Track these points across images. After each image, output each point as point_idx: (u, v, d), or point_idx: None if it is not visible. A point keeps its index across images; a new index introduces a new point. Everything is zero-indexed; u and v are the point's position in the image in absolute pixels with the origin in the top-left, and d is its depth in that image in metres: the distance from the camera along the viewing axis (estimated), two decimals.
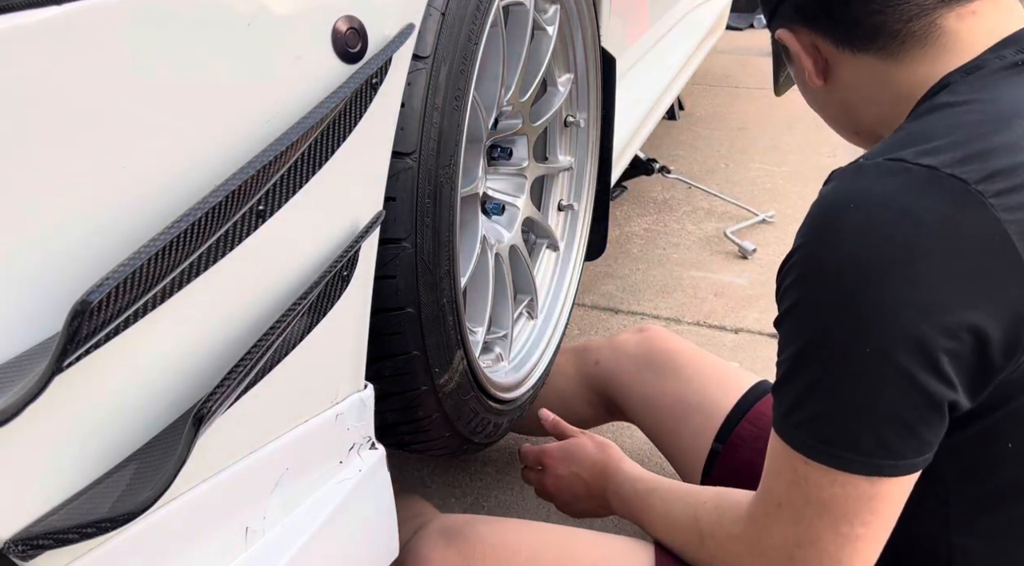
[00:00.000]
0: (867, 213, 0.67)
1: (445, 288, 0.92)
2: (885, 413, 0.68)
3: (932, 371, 0.66)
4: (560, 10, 1.26)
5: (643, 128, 1.98)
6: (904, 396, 0.67)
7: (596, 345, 1.35)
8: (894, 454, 0.69)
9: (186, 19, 0.57)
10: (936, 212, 0.65)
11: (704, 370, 1.23)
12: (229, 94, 0.61)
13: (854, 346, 0.67)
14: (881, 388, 0.67)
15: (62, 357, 0.49)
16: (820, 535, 0.73)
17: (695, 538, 0.87)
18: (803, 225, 0.73)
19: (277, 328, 0.65)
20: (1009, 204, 0.65)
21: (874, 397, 0.67)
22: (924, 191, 0.66)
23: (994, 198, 0.64)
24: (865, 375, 0.67)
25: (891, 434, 0.68)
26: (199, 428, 0.58)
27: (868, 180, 0.69)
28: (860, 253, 0.66)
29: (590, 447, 1.09)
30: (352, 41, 0.69)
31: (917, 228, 0.65)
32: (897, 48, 0.76)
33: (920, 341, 0.65)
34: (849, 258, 0.67)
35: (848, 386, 0.68)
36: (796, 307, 0.72)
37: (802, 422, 0.72)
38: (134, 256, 0.52)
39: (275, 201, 0.64)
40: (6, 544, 0.53)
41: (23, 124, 0.50)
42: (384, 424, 0.95)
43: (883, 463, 0.69)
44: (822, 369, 0.70)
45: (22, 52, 0.49)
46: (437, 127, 0.86)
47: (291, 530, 0.74)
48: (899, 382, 0.66)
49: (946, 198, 0.65)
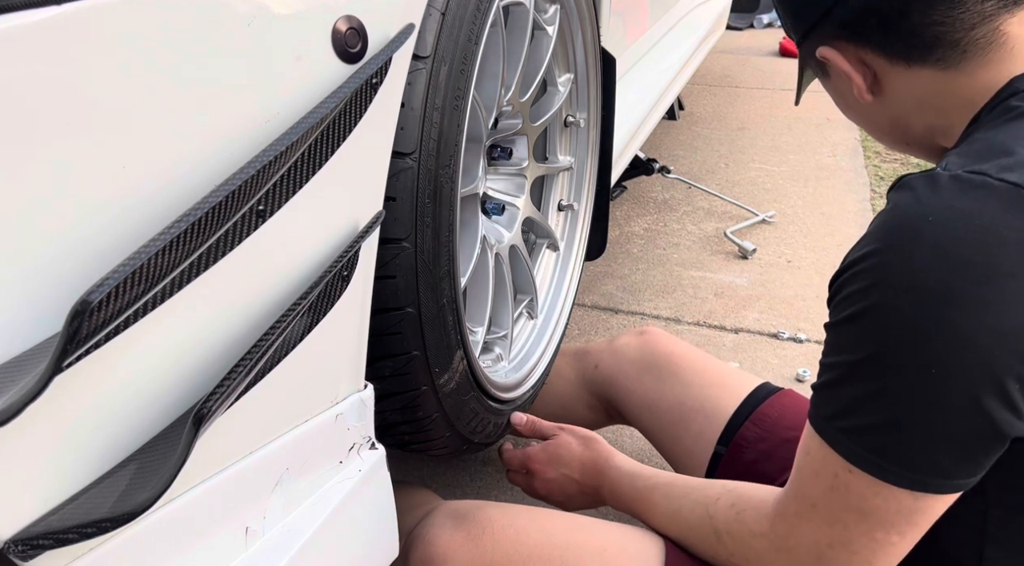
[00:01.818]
0: (948, 229, 0.64)
1: (445, 288, 0.92)
2: (945, 437, 0.66)
3: (1002, 399, 0.64)
4: (560, 10, 1.26)
5: (643, 128, 1.98)
6: (968, 423, 0.65)
7: (596, 348, 1.34)
8: (946, 474, 0.67)
9: (186, 19, 0.57)
10: (1021, 232, 0.63)
11: (705, 373, 1.22)
12: (229, 94, 0.61)
13: (923, 365, 0.65)
14: (945, 412, 0.65)
15: (62, 357, 0.49)
16: (854, 539, 0.72)
17: (710, 536, 0.87)
18: (875, 231, 0.70)
19: (277, 328, 0.65)
20: None
21: (936, 419, 0.66)
22: (1009, 209, 0.63)
23: None
24: (931, 396, 0.65)
25: (947, 457, 0.67)
26: (199, 428, 0.58)
27: (949, 193, 0.65)
28: (939, 271, 0.64)
29: (575, 445, 1.08)
30: (352, 41, 0.69)
31: (1001, 248, 0.63)
32: (959, 58, 0.74)
33: (993, 368, 0.63)
34: (927, 274, 0.64)
35: (910, 404, 0.66)
36: (862, 315, 0.69)
37: (852, 429, 0.70)
38: (134, 256, 0.52)
39: (275, 201, 0.64)
40: (6, 544, 0.53)
41: (23, 124, 0.50)
42: (384, 424, 0.95)
43: (932, 481, 0.68)
44: (884, 382, 0.68)
45: (22, 52, 0.49)
46: (437, 127, 0.86)
47: (291, 530, 0.74)
48: (965, 408, 0.64)
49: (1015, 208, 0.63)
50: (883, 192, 2.75)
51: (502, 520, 0.95)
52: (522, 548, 0.93)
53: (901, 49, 0.76)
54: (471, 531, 0.94)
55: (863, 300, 0.69)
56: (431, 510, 1.00)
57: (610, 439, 1.49)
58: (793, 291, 2.13)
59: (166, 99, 0.56)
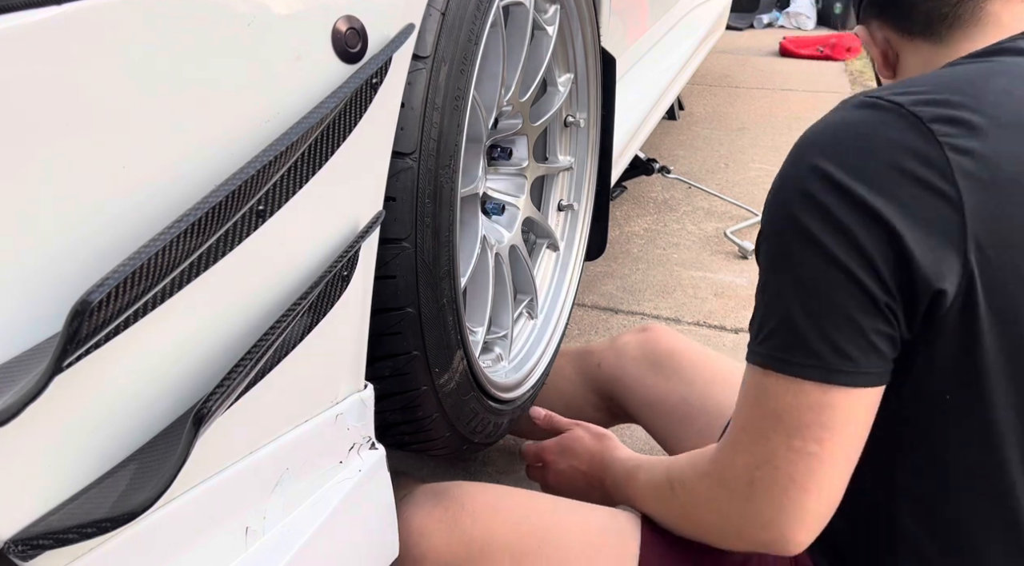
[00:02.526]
0: (829, 136, 0.71)
1: (445, 288, 0.92)
2: (831, 310, 0.69)
3: (867, 269, 0.67)
4: (560, 10, 1.26)
5: (643, 128, 1.98)
6: (846, 291, 0.68)
7: (598, 347, 1.34)
8: (845, 358, 0.69)
9: (186, 19, 0.57)
10: (888, 137, 0.68)
11: (708, 370, 1.22)
12: (229, 94, 0.61)
13: (797, 252, 0.70)
14: (825, 286, 0.69)
15: (62, 357, 0.49)
16: (775, 452, 0.74)
17: (667, 491, 0.88)
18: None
19: (277, 328, 0.65)
20: (957, 145, 0.66)
21: (819, 296, 0.69)
22: (883, 121, 0.69)
23: (944, 137, 0.67)
24: (810, 277, 0.70)
25: (840, 334, 0.69)
26: (199, 428, 0.58)
27: (844, 112, 0.73)
28: (815, 170, 0.69)
29: (587, 439, 1.09)
30: (352, 41, 0.69)
31: (869, 149, 0.68)
32: (945, 31, 0.80)
33: (856, 240, 0.67)
34: (805, 174, 0.70)
35: (796, 292, 0.71)
36: (760, 233, 0.75)
37: (763, 339, 0.74)
38: (134, 256, 0.52)
39: (275, 201, 0.64)
40: (6, 544, 0.53)
41: (23, 124, 0.50)
42: (384, 424, 0.95)
43: (833, 368, 0.70)
44: (777, 283, 0.73)
45: (22, 52, 0.49)
46: (437, 127, 0.86)
47: (291, 530, 0.74)
48: (839, 278, 0.68)
49: (901, 126, 0.68)
50: None
51: (481, 498, 0.96)
52: (501, 525, 0.93)
53: (906, 23, 0.83)
54: (449, 508, 0.95)
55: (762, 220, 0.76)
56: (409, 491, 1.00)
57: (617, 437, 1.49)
58: None
59: (166, 99, 0.56)
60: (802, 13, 6.06)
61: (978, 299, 0.67)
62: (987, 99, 0.68)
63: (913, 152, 0.66)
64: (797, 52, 5.01)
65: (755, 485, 0.76)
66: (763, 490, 0.75)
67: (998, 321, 0.68)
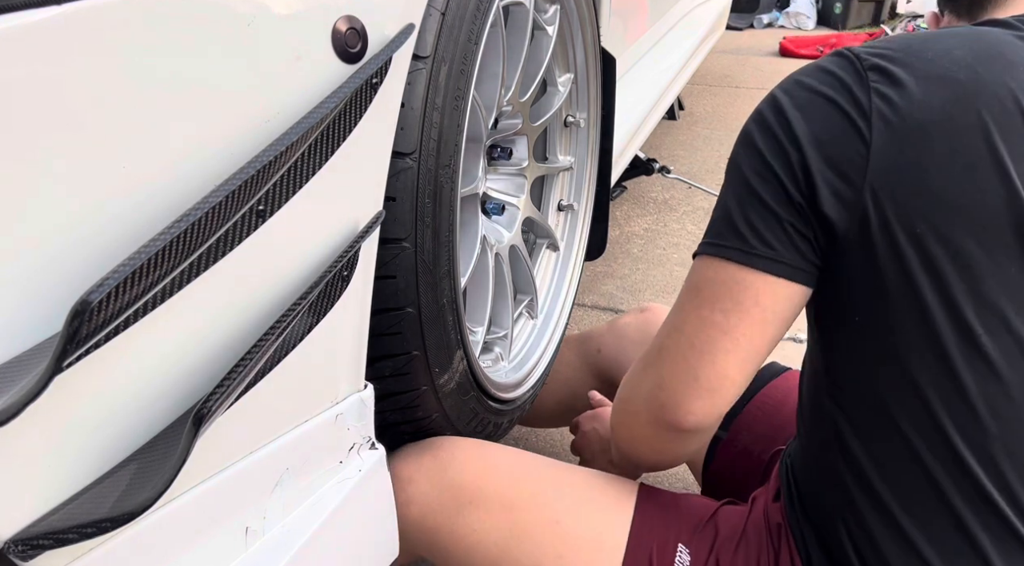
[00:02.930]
0: (797, 74, 0.79)
1: (445, 288, 0.92)
2: (757, 200, 0.76)
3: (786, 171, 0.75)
4: (560, 10, 1.26)
5: (643, 128, 1.98)
6: (769, 185, 0.75)
7: (598, 332, 1.35)
8: (765, 244, 0.75)
9: (186, 19, 0.57)
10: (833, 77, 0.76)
11: None
12: (229, 94, 0.61)
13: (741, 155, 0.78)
14: (754, 180, 0.76)
15: (62, 357, 0.49)
16: (686, 319, 0.79)
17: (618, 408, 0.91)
18: None
19: (277, 328, 0.65)
20: (882, 91, 0.73)
21: (748, 188, 0.76)
22: (838, 65, 0.76)
23: (874, 83, 0.74)
24: (746, 174, 0.77)
25: (761, 221, 0.75)
26: (199, 428, 0.58)
27: (820, 60, 0.79)
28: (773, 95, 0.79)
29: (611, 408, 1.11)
30: (352, 41, 0.69)
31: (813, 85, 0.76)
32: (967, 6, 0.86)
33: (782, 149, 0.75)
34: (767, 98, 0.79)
35: (735, 188, 0.78)
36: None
37: (706, 232, 0.80)
38: (134, 256, 0.52)
39: (275, 201, 0.64)
40: (6, 544, 0.53)
41: (23, 124, 0.50)
42: (384, 424, 0.95)
43: (752, 252, 0.75)
44: (725, 184, 0.80)
45: (22, 52, 0.49)
46: (437, 127, 0.86)
47: (291, 530, 0.74)
48: (766, 175, 0.75)
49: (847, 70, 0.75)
50: None
51: (473, 449, 0.96)
52: (492, 475, 0.93)
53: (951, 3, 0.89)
54: (438, 456, 0.95)
55: None
56: None
57: None
58: None
59: (166, 99, 0.56)
60: (802, 13, 6.06)
61: (871, 230, 0.72)
62: (925, 56, 0.74)
63: (847, 91, 0.74)
64: (797, 52, 5.01)
65: (662, 351, 0.82)
66: (667, 354, 0.81)
67: (892, 254, 0.73)
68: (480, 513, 0.91)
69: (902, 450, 0.75)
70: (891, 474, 0.76)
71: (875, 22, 5.97)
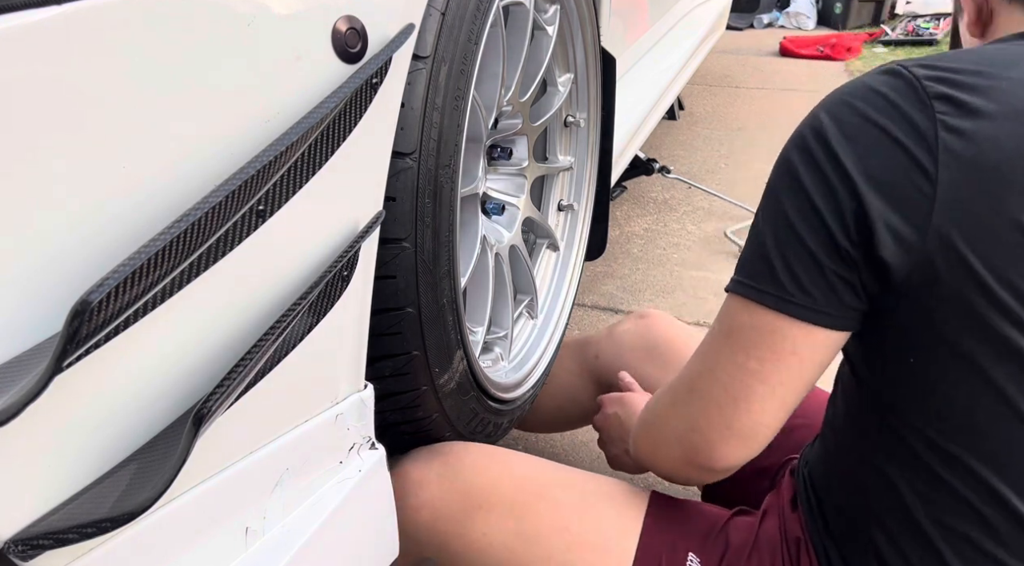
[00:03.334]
0: (844, 93, 0.72)
1: (445, 288, 0.92)
2: (798, 245, 0.70)
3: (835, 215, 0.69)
4: (560, 10, 1.26)
5: (643, 128, 1.98)
6: (813, 231, 0.70)
7: (595, 338, 1.34)
8: (804, 292, 0.71)
9: (186, 19, 0.57)
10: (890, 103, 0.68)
11: None
12: (229, 94, 0.61)
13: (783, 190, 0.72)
14: (798, 222, 0.70)
15: (62, 357, 0.49)
16: (719, 362, 0.76)
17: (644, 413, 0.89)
18: None
19: (277, 328, 0.65)
20: (951, 124, 0.66)
21: (790, 230, 0.71)
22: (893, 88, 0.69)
23: (941, 114, 0.67)
24: (788, 213, 0.71)
25: (802, 269, 0.70)
26: (199, 428, 0.58)
27: (870, 75, 0.72)
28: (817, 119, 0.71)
29: (639, 398, 1.11)
30: (352, 41, 0.69)
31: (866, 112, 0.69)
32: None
33: (831, 188, 0.69)
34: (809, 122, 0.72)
35: (774, 226, 0.72)
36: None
37: (739, 268, 0.76)
38: (134, 256, 0.52)
39: (275, 201, 0.64)
40: (6, 544, 0.53)
41: (23, 124, 0.50)
42: (384, 424, 0.95)
43: (790, 299, 0.71)
44: (762, 217, 0.75)
45: (22, 52, 0.49)
46: (437, 127, 0.86)
47: (291, 530, 0.74)
48: (811, 218, 0.70)
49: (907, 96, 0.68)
50: None
51: (482, 454, 0.96)
52: (501, 478, 0.93)
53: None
54: (448, 461, 0.95)
55: None
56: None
57: None
58: None
59: (166, 99, 0.56)
60: (802, 13, 6.06)
61: (938, 274, 0.67)
62: (1000, 85, 0.66)
63: (907, 121, 0.67)
64: (797, 52, 5.01)
65: (694, 393, 0.78)
66: (699, 397, 0.78)
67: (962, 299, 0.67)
68: (490, 517, 0.91)
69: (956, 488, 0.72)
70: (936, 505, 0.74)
71: (875, 22, 5.97)
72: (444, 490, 0.93)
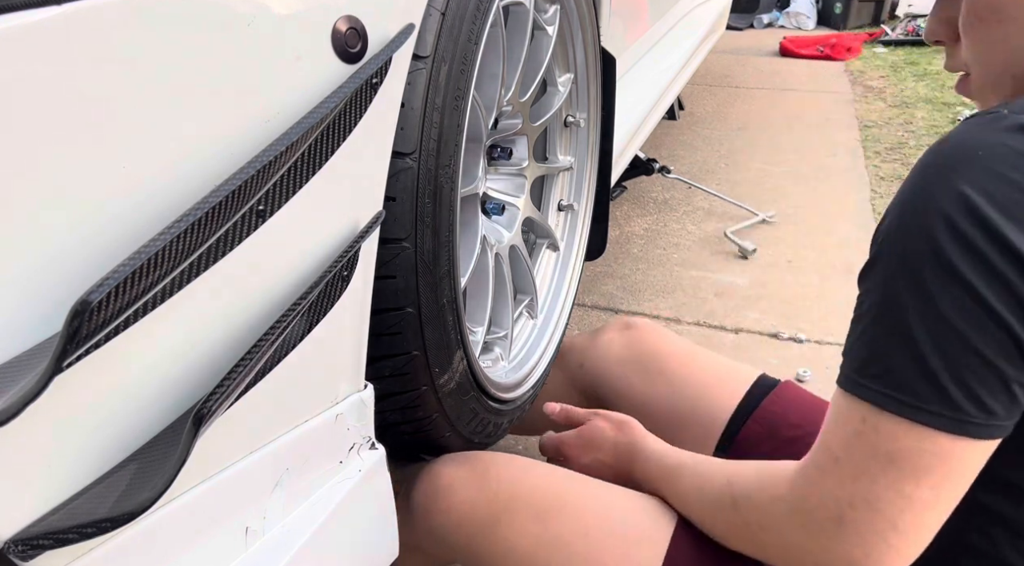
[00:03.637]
0: (979, 161, 0.61)
1: (445, 288, 0.92)
2: (973, 355, 0.61)
3: (1019, 314, 0.60)
4: (560, 10, 1.26)
5: (643, 128, 1.98)
6: (992, 336, 0.60)
7: (579, 346, 1.29)
8: (984, 410, 0.62)
9: (186, 19, 0.57)
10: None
11: (696, 374, 1.17)
12: (229, 94, 0.61)
13: (938, 287, 0.61)
14: (969, 328, 0.61)
15: (62, 357, 0.49)
16: (879, 494, 0.66)
17: (727, 505, 0.81)
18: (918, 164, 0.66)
19: (277, 328, 0.65)
20: None
21: (960, 338, 0.61)
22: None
23: None
24: (951, 316, 0.61)
25: (980, 383, 0.61)
26: (199, 428, 0.58)
27: (994, 133, 0.62)
28: (963, 198, 0.60)
29: (608, 430, 1.04)
30: (352, 41, 0.69)
31: (1022, 177, 0.60)
32: None
33: (1010, 285, 0.60)
34: (951, 201, 0.61)
35: (933, 329, 0.62)
36: (882, 251, 0.66)
37: (878, 375, 0.65)
38: (134, 256, 0.52)
39: (275, 201, 0.64)
40: (6, 544, 0.53)
41: (23, 124, 0.50)
42: (384, 424, 0.95)
43: (969, 420, 0.62)
44: (902, 314, 0.63)
45: (22, 52, 0.49)
46: (437, 127, 0.86)
47: (291, 530, 0.74)
48: (986, 322, 0.60)
49: None
50: (883, 192, 2.75)
51: (510, 463, 0.96)
52: (527, 487, 0.93)
53: None
54: (476, 467, 0.95)
55: (884, 235, 0.66)
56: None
57: None
58: (793, 291, 2.13)
59: (166, 99, 0.56)
60: (802, 13, 6.06)
61: None
62: None
63: None
64: (797, 52, 5.01)
65: (846, 524, 0.69)
66: (855, 531, 0.68)
67: None
68: (514, 522, 0.91)
69: None
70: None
71: (875, 22, 5.98)
72: (472, 495, 0.93)
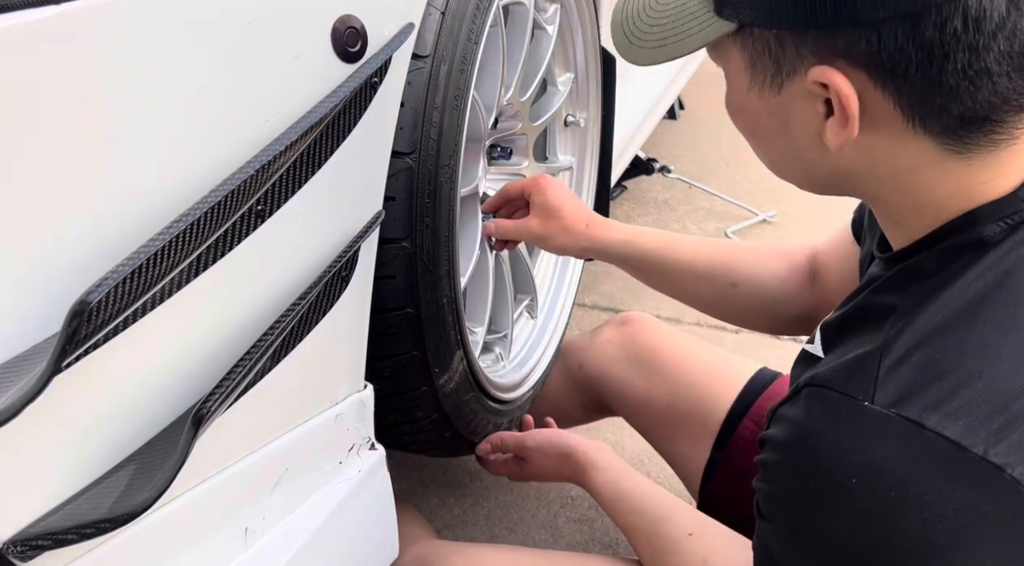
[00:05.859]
0: (875, 492, 0.54)
1: (445, 288, 0.92)
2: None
3: None
4: (560, 10, 1.26)
5: (643, 128, 1.98)
6: None
7: (578, 346, 1.30)
8: None
9: (186, 19, 0.57)
10: (962, 502, 0.52)
11: (694, 369, 1.17)
12: (229, 94, 0.61)
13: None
14: None
15: (61, 357, 0.49)
16: None
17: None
18: (789, 453, 0.62)
19: (277, 328, 0.65)
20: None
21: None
22: (947, 476, 0.52)
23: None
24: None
25: None
26: (199, 428, 0.58)
27: (874, 443, 0.54)
28: (860, 542, 0.55)
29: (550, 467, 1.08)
30: (352, 41, 0.69)
31: (937, 525, 0.53)
32: (977, 151, 0.57)
33: None
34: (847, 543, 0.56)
35: None
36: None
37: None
38: (134, 256, 0.52)
39: (275, 201, 0.64)
40: (6, 544, 0.53)
41: (23, 124, 0.50)
42: (384, 424, 0.95)
43: None
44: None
45: (22, 52, 0.49)
46: (437, 127, 0.86)
47: (291, 530, 0.74)
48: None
49: (975, 488, 0.52)
50: None
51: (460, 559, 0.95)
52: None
53: (926, 104, 0.56)
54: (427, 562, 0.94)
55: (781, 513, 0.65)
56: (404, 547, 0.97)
57: (611, 441, 1.49)
58: None
59: (165, 98, 0.56)
60: None
61: None
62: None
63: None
64: None
65: None
66: None
67: None
68: None
69: None
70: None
71: None
72: None
